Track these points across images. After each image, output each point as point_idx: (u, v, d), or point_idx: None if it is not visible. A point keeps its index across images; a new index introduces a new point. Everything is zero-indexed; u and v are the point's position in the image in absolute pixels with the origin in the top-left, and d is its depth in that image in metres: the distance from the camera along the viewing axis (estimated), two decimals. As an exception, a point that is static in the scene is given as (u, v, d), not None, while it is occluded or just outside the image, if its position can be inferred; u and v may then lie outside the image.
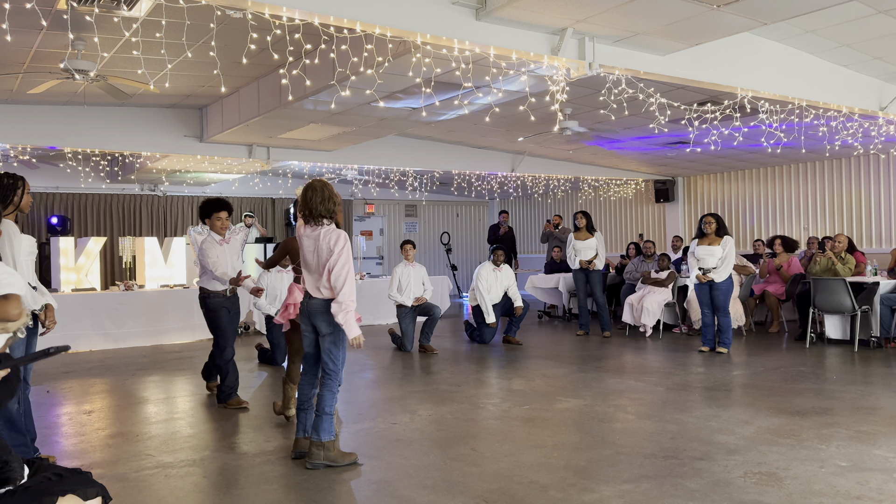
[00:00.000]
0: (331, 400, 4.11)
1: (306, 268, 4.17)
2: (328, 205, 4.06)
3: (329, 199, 4.06)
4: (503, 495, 3.57)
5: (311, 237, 4.13)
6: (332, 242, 4.02)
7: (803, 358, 7.52)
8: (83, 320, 9.09)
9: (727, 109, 7.92)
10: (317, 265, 4.09)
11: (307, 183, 4.15)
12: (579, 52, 6.04)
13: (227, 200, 5.86)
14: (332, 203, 4.07)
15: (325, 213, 4.06)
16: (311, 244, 4.13)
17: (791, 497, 3.48)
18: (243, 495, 3.67)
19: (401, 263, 8.70)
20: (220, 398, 5.73)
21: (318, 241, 4.08)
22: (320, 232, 4.07)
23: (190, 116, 10.09)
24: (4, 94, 8.47)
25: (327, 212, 4.07)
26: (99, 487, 2.35)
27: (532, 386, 6.31)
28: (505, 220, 13.89)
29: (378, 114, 8.41)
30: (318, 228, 4.09)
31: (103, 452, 4.48)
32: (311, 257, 4.13)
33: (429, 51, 5.75)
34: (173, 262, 10.38)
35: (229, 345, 5.76)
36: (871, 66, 7.57)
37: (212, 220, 5.74)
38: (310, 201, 4.05)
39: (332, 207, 4.08)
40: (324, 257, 4.03)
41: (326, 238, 4.04)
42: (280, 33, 5.31)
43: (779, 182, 13.00)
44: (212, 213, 5.74)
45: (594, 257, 9.44)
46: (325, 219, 4.08)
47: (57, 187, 13.46)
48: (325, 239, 4.04)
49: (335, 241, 4.02)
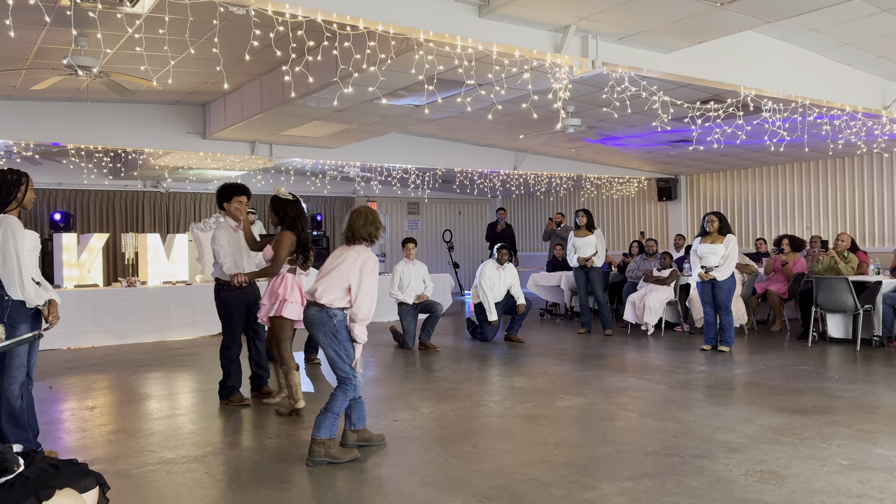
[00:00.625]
0: (342, 402, 4.18)
1: (322, 271, 4.31)
2: (370, 228, 4.30)
3: (371, 224, 4.31)
4: (504, 492, 3.57)
5: (343, 250, 4.33)
6: (364, 262, 4.22)
7: (805, 357, 7.51)
8: (86, 316, 9.10)
9: (730, 108, 7.91)
10: (335, 273, 4.21)
11: (356, 208, 4.41)
12: (582, 49, 6.04)
13: (246, 186, 5.79)
14: (373, 227, 4.31)
15: (367, 235, 4.30)
16: (339, 254, 4.31)
17: (792, 495, 3.48)
18: (245, 492, 3.68)
19: (402, 261, 8.70)
20: (223, 395, 5.72)
21: (347, 253, 4.26)
22: (356, 248, 4.28)
23: (193, 113, 10.10)
24: (8, 91, 8.48)
25: (368, 235, 4.30)
26: (96, 476, 2.35)
27: (534, 384, 6.31)
28: (502, 218, 13.89)
29: (381, 111, 8.41)
30: (355, 247, 4.30)
31: (105, 448, 4.49)
32: (333, 264, 4.29)
33: (431, 48, 5.74)
34: (176, 259, 10.39)
35: (235, 343, 5.69)
36: (874, 64, 7.55)
37: (231, 204, 5.67)
38: (353, 223, 4.29)
39: (373, 231, 4.31)
40: (348, 270, 4.19)
41: (361, 256, 4.23)
42: (283, 30, 5.30)
43: (782, 181, 12.98)
44: (232, 197, 5.67)
45: (593, 255, 9.43)
46: (364, 241, 4.31)
47: (60, 183, 13.48)
48: (359, 255, 4.23)
49: (368, 261, 4.23)
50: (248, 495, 3.62)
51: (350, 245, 4.32)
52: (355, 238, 4.29)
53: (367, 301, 4.19)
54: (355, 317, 4.20)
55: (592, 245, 9.48)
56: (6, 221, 4.02)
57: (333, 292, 4.17)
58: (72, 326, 8.87)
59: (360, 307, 4.18)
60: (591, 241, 9.49)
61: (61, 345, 8.86)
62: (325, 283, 4.20)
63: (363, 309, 4.19)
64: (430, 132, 11.43)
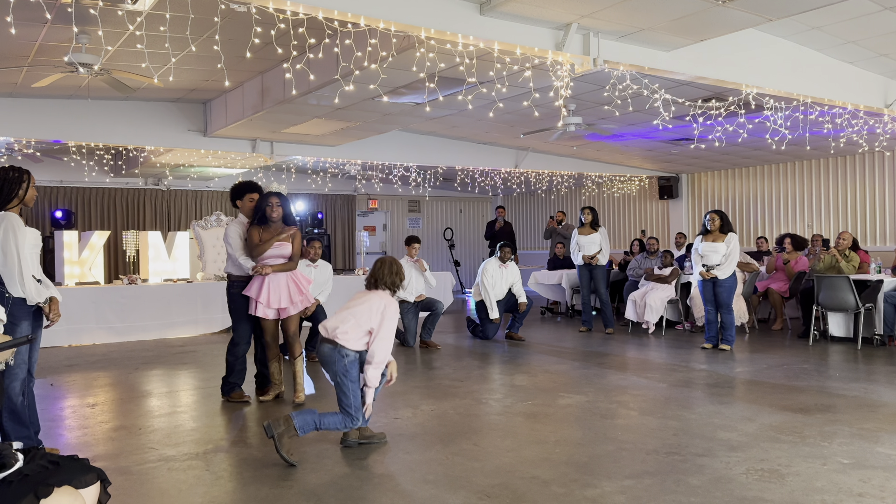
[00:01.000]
0: (334, 426, 4.22)
1: (343, 309, 4.38)
2: (394, 277, 4.42)
3: (396, 274, 4.43)
4: (505, 490, 3.57)
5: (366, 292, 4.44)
6: (386, 307, 4.30)
7: (806, 355, 7.51)
8: (87, 314, 9.11)
9: (732, 106, 7.90)
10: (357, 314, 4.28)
11: (381, 258, 4.53)
12: (584, 47, 6.03)
13: (258, 184, 5.88)
14: (397, 278, 4.44)
15: (390, 284, 4.42)
16: (362, 297, 4.41)
17: (793, 494, 3.48)
18: (246, 489, 3.68)
19: (403, 258, 8.68)
20: (224, 391, 5.74)
21: (370, 296, 4.36)
22: (378, 293, 4.38)
23: (194, 111, 10.10)
24: (9, 88, 8.48)
25: (392, 284, 4.42)
26: (97, 472, 2.35)
27: (534, 382, 6.31)
28: (501, 216, 13.89)
29: (382, 109, 8.41)
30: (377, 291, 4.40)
31: (106, 445, 4.50)
32: (356, 303, 4.38)
33: (433, 46, 5.74)
34: (177, 257, 10.40)
35: (243, 341, 5.69)
36: (876, 62, 7.54)
37: (244, 202, 5.76)
38: (378, 271, 4.43)
39: (396, 281, 4.43)
40: (371, 313, 4.28)
41: (384, 300, 4.32)
42: (284, 27, 5.30)
43: (783, 179, 12.97)
44: (244, 195, 5.77)
45: (597, 252, 9.42)
46: (387, 289, 4.42)
47: (61, 181, 13.49)
48: (381, 300, 4.32)
49: (390, 308, 4.31)
50: (249, 492, 3.62)
51: (371, 290, 4.42)
52: (377, 285, 4.40)
53: (384, 346, 4.27)
54: (371, 359, 4.25)
55: (597, 243, 9.46)
56: (7, 219, 4.02)
57: (353, 332, 4.24)
58: (73, 324, 8.88)
59: (375, 351, 4.25)
60: (596, 238, 9.47)
61: (62, 342, 8.87)
62: (345, 323, 4.25)
63: (378, 353, 4.25)
64: (432, 130, 11.43)
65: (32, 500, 2.14)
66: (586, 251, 9.45)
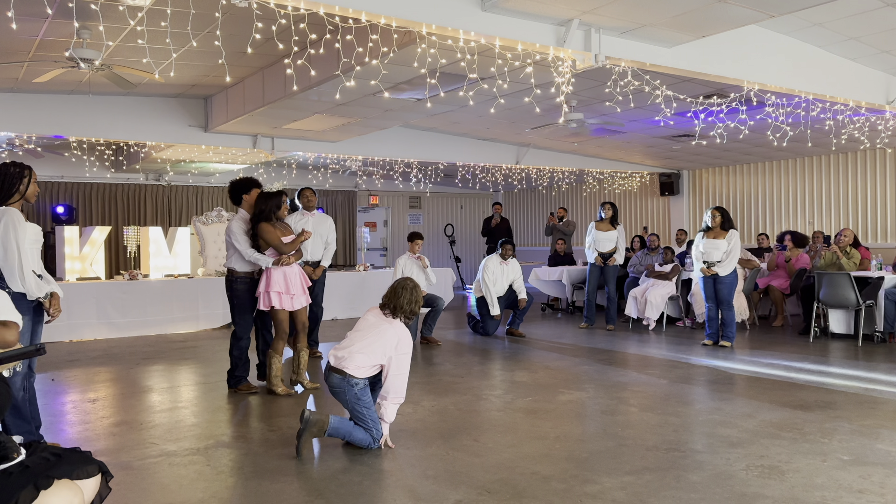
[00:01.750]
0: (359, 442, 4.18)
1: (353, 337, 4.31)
2: (413, 306, 4.33)
3: (416, 302, 4.35)
4: (505, 486, 3.58)
5: (379, 319, 4.33)
6: (398, 343, 4.22)
7: (807, 352, 7.51)
8: (88, 309, 9.12)
9: (733, 102, 7.88)
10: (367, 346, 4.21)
11: (401, 281, 4.41)
12: (585, 43, 6.01)
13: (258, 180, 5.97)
14: (416, 306, 4.36)
15: (409, 313, 4.33)
16: (375, 322, 4.31)
17: (793, 490, 3.49)
18: (247, 484, 3.69)
19: (404, 255, 8.67)
20: (231, 383, 5.84)
21: (383, 327, 4.26)
22: (394, 323, 4.29)
23: (195, 106, 10.09)
24: (9, 83, 8.47)
25: (410, 313, 4.34)
26: (98, 464, 2.35)
27: (535, 378, 6.31)
28: (497, 212, 13.89)
29: (383, 105, 8.40)
30: (392, 320, 4.32)
31: (107, 440, 4.50)
32: (365, 331, 4.29)
33: (434, 41, 5.73)
34: (178, 252, 10.40)
35: (246, 335, 5.76)
36: (878, 59, 7.52)
37: (250, 196, 5.80)
38: (399, 298, 4.31)
39: (416, 309, 4.36)
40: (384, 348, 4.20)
41: (398, 334, 4.24)
42: (285, 23, 5.29)
43: (784, 176, 12.96)
44: (251, 189, 5.82)
45: (613, 251, 9.39)
46: (405, 316, 4.33)
47: (62, 176, 13.49)
48: (395, 333, 4.23)
49: (403, 342, 4.24)
50: (250, 488, 3.63)
51: (385, 314, 4.32)
52: (396, 311, 4.30)
53: (399, 382, 4.22)
54: (386, 395, 4.21)
55: (613, 240, 9.44)
56: (7, 214, 4.02)
57: (363, 364, 4.19)
58: (74, 319, 8.89)
59: (391, 388, 4.21)
60: (613, 236, 9.44)
61: (63, 337, 8.87)
62: (355, 355, 4.18)
63: (394, 390, 4.21)
64: (433, 126, 11.41)
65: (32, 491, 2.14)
66: (601, 247, 9.42)
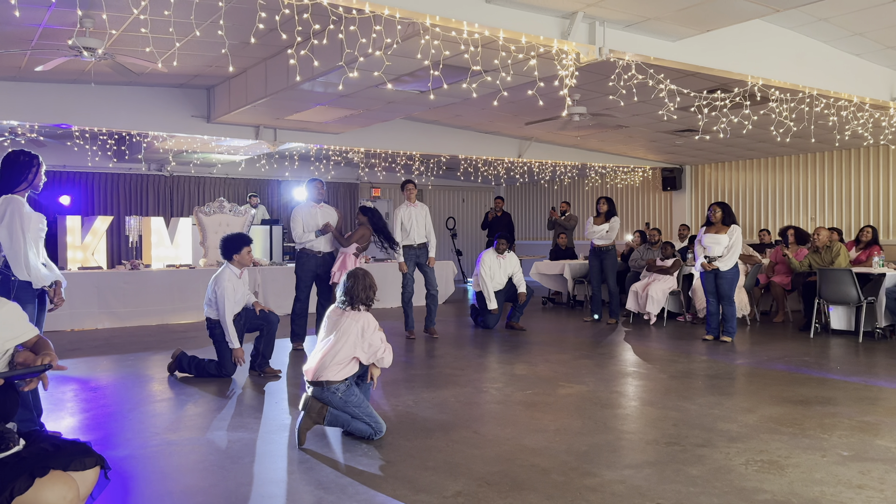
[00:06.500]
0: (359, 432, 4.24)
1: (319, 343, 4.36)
2: (367, 292, 4.34)
3: (369, 288, 4.35)
4: (504, 478, 3.59)
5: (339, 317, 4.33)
6: (363, 329, 4.25)
7: (807, 348, 7.51)
8: (89, 299, 9.13)
9: (737, 97, 7.86)
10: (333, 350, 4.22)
11: (352, 272, 4.40)
12: (589, 36, 6.00)
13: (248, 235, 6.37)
14: (371, 291, 4.36)
15: (364, 300, 4.33)
16: (335, 321, 4.33)
17: (792, 485, 3.49)
18: (247, 473, 3.70)
19: (402, 205, 8.23)
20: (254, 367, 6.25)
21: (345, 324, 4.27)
22: (352, 315, 4.29)
23: (197, 96, 10.07)
24: (12, 72, 8.46)
25: (366, 299, 4.34)
26: (97, 457, 2.36)
27: (535, 371, 6.32)
28: (499, 206, 13.88)
29: (386, 97, 8.38)
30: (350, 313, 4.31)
31: (108, 430, 4.52)
32: (329, 334, 4.31)
33: (438, 33, 5.71)
34: (179, 243, 10.41)
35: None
36: (883, 55, 7.50)
37: (241, 255, 6.07)
38: (352, 289, 4.31)
39: (370, 295, 4.36)
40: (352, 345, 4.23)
41: (359, 323, 4.25)
42: (288, 13, 5.28)
43: (787, 172, 12.94)
44: (242, 248, 6.07)
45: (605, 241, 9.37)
46: (362, 304, 4.33)
47: (64, 166, 13.48)
48: (356, 327, 4.25)
49: (367, 327, 4.27)
50: (250, 477, 3.64)
51: (345, 311, 4.33)
52: (353, 303, 4.31)
53: (381, 354, 4.30)
54: (380, 364, 4.33)
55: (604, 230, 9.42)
56: (13, 202, 4.02)
57: (338, 367, 4.21)
58: (76, 308, 8.91)
59: (380, 360, 4.33)
60: (604, 228, 9.41)
61: (65, 326, 8.89)
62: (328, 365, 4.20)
63: (384, 360, 4.34)
64: (435, 119, 11.39)
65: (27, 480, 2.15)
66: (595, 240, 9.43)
